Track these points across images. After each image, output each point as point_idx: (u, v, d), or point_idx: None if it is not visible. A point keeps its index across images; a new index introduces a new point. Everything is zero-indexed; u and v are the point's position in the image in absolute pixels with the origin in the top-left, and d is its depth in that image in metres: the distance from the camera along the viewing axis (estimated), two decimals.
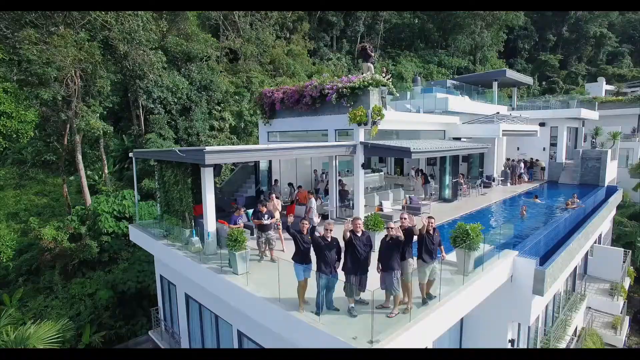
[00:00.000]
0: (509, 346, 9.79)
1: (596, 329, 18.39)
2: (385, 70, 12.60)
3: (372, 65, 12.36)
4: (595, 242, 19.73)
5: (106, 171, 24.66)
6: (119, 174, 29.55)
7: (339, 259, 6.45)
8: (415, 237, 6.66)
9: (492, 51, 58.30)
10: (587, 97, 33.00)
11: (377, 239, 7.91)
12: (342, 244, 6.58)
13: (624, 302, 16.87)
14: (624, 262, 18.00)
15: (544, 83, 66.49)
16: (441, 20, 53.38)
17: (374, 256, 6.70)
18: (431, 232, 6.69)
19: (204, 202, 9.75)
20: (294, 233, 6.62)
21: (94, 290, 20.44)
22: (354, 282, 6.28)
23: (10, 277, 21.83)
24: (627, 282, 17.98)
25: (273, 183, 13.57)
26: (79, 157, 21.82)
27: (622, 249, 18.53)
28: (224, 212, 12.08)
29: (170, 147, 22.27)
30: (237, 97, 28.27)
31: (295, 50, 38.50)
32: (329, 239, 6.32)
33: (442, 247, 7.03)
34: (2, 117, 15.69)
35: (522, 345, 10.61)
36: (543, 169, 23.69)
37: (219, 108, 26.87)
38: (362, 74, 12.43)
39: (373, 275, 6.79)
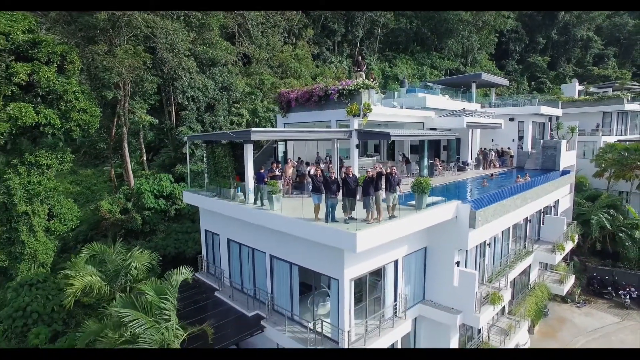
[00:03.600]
0: (456, 267, 14.32)
1: (546, 283, 22.93)
2: (373, 76, 17.08)
3: (362, 73, 16.91)
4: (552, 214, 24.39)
5: (145, 158, 29.25)
6: (143, 166, 34.11)
7: (338, 190, 11.01)
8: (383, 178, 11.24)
9: (482, 54, 62.59)
10: (552, 97, 37.40)
11: None
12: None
13: (561, 255, 21.31)
14: (566, 227, 22.46)
15: (533, 83, 70.79)
16: (434, 25, 57.76)
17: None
18: (393, 174, 11.23)
19: (246, 167, 14.34)
20: (312, 176, 11.19)
21: None
22: (347, 204, 10.85)
23: (69, 245, 26.49)
24: (568, 245, 22.38)
25: (298, 161, 18.22)
26: (125, 145, 26.44)
27: (565, 218, 23.05)
28: None
29: None
30: (252, 96, 32.83)
31: (301, 55, 42.98)
32: (333, 178, 10.90)
33: (399, 185, 11.57)
34: (80, 112, 20.27)
35: (470, 265, 15.17)
36: (512, 156, 28.13)
37: (237, 106, 31.41)
38: (356, 79, 16.97)
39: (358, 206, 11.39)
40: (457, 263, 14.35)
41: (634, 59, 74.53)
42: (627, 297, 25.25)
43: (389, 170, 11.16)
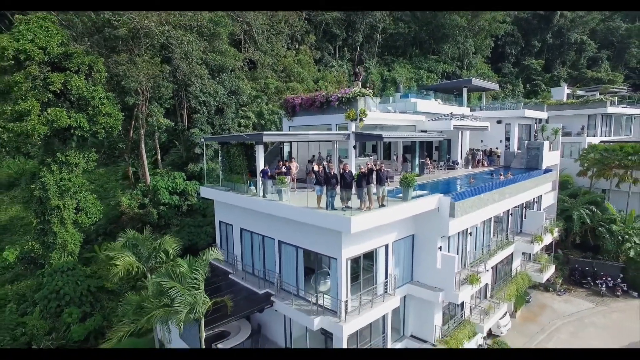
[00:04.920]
0: (439, 251, 16.56)
1: (528, 272, 25.09)
2: (369, 85, 19.32)
3: (360, 83, 19.20)
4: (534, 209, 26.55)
5: (159, 157, 31.57)
6: (155, 165, 36.44)
7: (337, 183, 13.27)
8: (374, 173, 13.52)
9: (477, 57, 64.73)
10: (538, 101, 39.61)
11: None
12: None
13: (539, 246, 23.52)
14: (545, 221, 24.68)
15: (528, 85, 72.87)
16: (432, 30, 59.98)
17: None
18: (382, 171, 13.50)
19: (257, 165, 16.62)
20: (316, 171, 13.46)
21: None
22: (344, 195, 13.11)
23: (91, 238, 28.81)
24: (547, 237, 24.62)
25: (311, 158, 20.59)
26: (142, 145, 28.75)
27: (544, 212, 25.25)
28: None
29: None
30: (258, 100, 35.13)
31: (303, 60, 45.22)
32: (332, 173, 13.18)
33: (388, 179, 13.82)
34: (104, 116, 22.56)
35: (452, 250, 17.39)
36: (498, 156, 30.32)
37: (245, 109, 33.72)
38: (354, 87, 19.23)
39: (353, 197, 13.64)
40: (440, 248, 16.59)
41: (627, 61, 76.61)
42: (603, 286, 27.46)
43: (378, 167, 13.43)
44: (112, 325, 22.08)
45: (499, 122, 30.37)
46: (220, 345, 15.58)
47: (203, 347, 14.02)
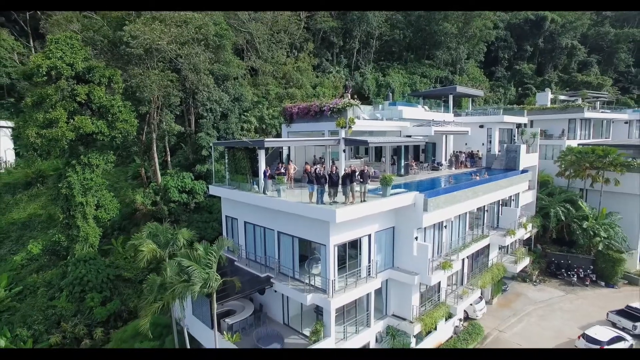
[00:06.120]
0: (415, 241, 19.23)
1: (504, 263, 27.71)
2: (356, 97, 22.07)
3: (349, 95, 21.94)
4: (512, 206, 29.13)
5: (169, 158, 34.29)
6: (164, 165, 39.06)
7: (325, 182, 15.96)
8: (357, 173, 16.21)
9: (470, 62, 67.42)
10: (518, 107, 42.24)
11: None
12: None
13: (512, 239, 26.14)
14: (518, 217, 27.33)
15: (519, 89, 75.46)
16: (425, 36, 62.69)
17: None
18: (364, 171, 16.19)
19: (259, 167, 19.31)
20: (308, 172, 16.14)
21: None
22: (331, 191, 15.81)
23: (108, 232, 31.51)
24: (521, 231, 27.26)
25: (315, 160, 23.38)
26: (154, 148, 31.48)
27: (517, 209, 27.90)
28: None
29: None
30: (260, 105, 37.84)
31: (302, 67, 47.89)
32: (321, 173, 15.87)
33: (370, 179, 16.50)
34: (122, 122, 25.27)
35: (428, 240, 20.03)
36: (480, 158, 32.97)
37: (247, 114, 36.42)
38: (344, 99, 21.96)
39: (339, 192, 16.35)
40: (416, 238, 19.27)
41: (616, 65, 79.22)
42: (575, 276, 30.14)
43: (361, 169, 16.14)
44: (130, 308, 24.88)
45: (481, 126, 33.06)
46: (227, 320, 18.27)
47: (215, 321, 16.68)
